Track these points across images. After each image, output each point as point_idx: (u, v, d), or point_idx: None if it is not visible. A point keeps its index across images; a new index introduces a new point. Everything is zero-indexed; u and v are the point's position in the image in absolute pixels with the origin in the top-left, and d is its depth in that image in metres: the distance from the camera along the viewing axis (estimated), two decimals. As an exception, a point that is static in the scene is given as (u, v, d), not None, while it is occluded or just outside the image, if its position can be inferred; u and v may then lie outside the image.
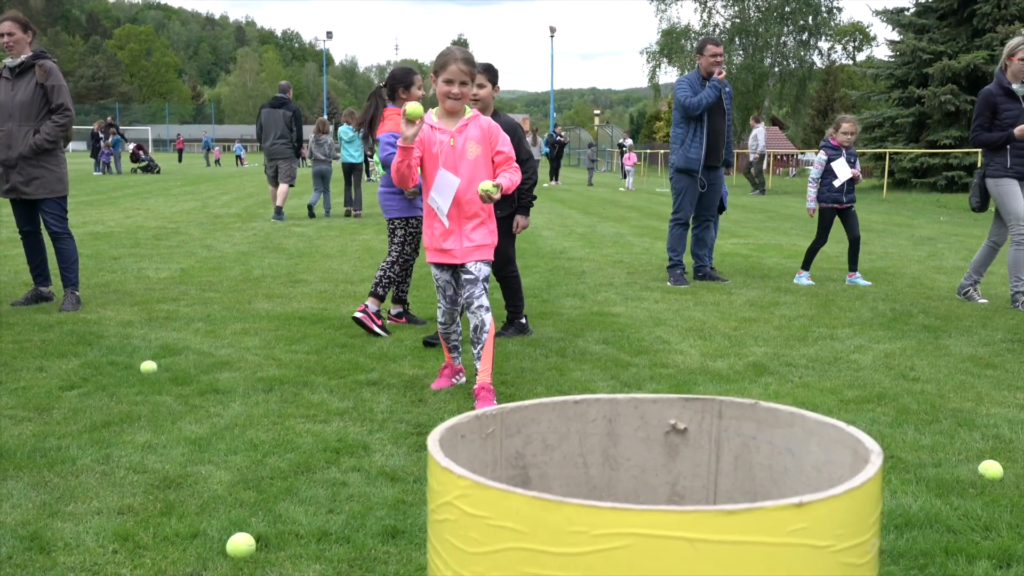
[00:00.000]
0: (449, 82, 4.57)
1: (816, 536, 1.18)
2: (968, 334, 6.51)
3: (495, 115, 5.62)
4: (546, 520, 1.17)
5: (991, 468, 3.69)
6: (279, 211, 15.32)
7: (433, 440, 1.41)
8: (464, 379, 5.08)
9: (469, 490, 1.24)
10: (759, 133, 27.79)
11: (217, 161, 56.67)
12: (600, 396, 1.71)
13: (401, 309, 6.77)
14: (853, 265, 8.87)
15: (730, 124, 8.97)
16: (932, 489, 3.56)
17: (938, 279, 8.98)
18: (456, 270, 4.79)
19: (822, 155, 8.76)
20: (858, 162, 8.85)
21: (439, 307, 4.93)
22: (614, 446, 1.73)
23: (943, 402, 4.80)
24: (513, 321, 6.30)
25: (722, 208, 9.48)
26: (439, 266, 4.82)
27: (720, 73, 8.59)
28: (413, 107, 4.42)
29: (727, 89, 8.81)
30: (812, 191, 8.81)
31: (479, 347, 4.64)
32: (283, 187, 15.23)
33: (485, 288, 4.70)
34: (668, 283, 8.76)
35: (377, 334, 6.19)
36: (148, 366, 5.17)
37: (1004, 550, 2.99)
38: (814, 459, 1.59)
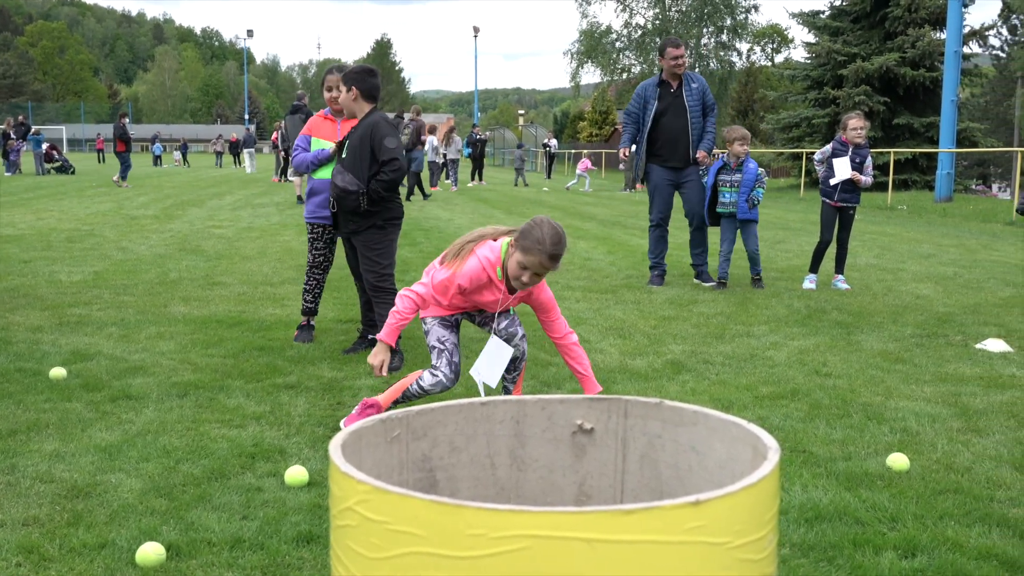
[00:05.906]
0: (523, 268, 3.96)
1: (713, 533, 1.19)
2: (879, 330, 6.68)
3: (372, 111, 5.35)
4: (445, 524, 1.17)
5: (898, 460, 3.80)
6: (300, 199, 18.49)
7: (335, 445, 1.40)
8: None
9: (369, 495, 1.23)
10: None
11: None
12: (507, 397, 1.71)
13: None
14: (837, 267, 8.70)
15: (695, 120, 8.54)
16: (842, 482, 3.64)
17: (851, 276, 9.19)
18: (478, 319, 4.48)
19: (828, 147, 8.48)
20: (871, 165, 8.34)
21: (435, 375, 4.26)
22: (522, 447, 1.73)
23: (854, 397, 4.92)
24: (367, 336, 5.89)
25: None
26: (453, 325, 4.36)
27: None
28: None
29: (694, 85, 8.60)
30: (819, 168, 8.57)
31: (515, 373, 4.47)
32: None
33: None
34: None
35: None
36: (58, 372, 5.03)
37: (909, 540, 3.07)
38: (718, 457, 1.61)
